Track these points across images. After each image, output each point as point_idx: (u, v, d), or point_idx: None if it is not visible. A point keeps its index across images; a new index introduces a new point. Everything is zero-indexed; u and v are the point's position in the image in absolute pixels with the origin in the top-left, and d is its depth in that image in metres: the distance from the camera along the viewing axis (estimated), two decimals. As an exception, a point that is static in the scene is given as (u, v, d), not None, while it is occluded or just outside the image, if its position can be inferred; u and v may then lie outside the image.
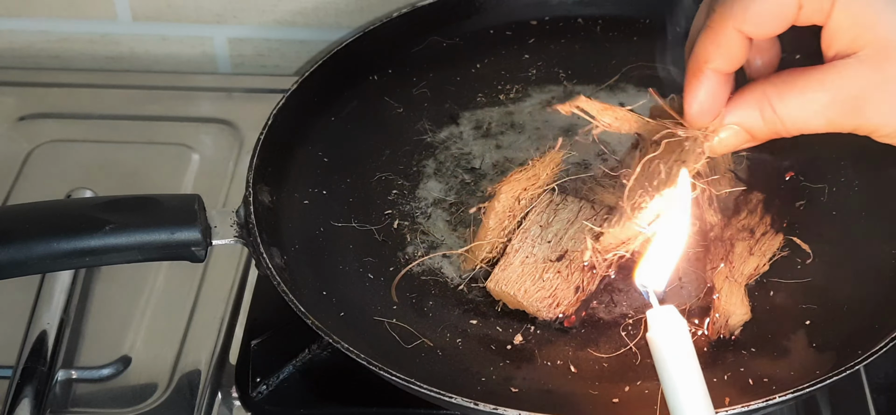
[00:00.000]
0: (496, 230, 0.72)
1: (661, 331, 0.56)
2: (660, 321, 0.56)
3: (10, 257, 0.67)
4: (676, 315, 0.57)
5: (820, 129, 0.60)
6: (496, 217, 0.73)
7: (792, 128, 0.60)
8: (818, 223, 0.75)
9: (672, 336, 0.56)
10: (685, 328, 0.56)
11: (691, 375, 0.56)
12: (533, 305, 0.69)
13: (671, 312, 0.57)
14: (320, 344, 0.75)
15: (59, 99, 0.97)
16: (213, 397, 0.74)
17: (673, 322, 0.56)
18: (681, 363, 0.56)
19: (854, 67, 0.59)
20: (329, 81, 0.84)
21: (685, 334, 0.56)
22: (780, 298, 0.71)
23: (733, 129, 0.62)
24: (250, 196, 0.73)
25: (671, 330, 0.56)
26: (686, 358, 0.56)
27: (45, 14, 0.98)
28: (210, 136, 0.93)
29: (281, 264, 0.71)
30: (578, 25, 0.91)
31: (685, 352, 0.56)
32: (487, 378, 0.67)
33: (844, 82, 0.59)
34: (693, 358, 0.56)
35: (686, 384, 0.56)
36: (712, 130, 0.62)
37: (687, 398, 0.55)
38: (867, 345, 0.65)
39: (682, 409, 0.55)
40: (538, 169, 0.74)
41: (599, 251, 0.67)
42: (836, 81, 0.59)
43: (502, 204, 0.73)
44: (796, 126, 0.60)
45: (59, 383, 0.75)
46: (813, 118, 0.60)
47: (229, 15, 0.97)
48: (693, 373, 0.56)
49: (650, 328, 0.56)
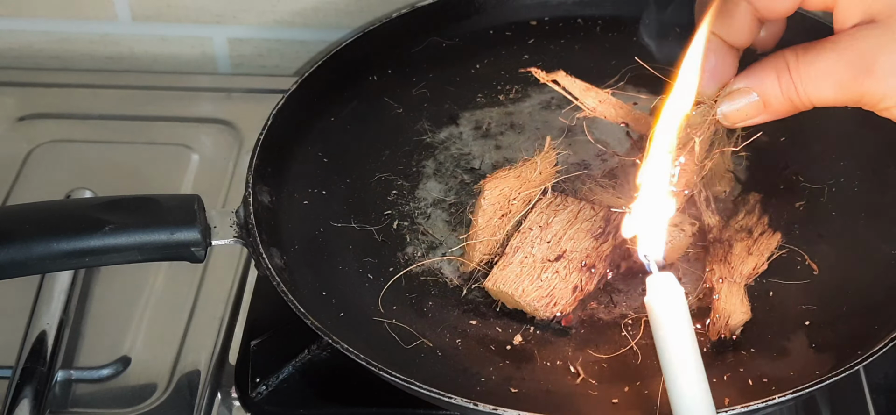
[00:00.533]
0: (487, 228, 0.72)
1: (659, 297, 0.57)
2: (658, 287, 0.57)
3: (10, 258, 0.67)
4: (675, 283, 0.57)
5: (831, 96, 0.60)
6: (484, 215, 0.73)
7: (805, 92, 0.60)
8: (818, 223, 0.75)
9: (669, 303, 0.57)
10: (682, 296, 0.57)
11: (685, 342, 0.57)
12: (530, 305, 0.69)
13: (669, 279, 0.58)
14: (320, 344, 0.75)
15: (59, 99, 0.97)
16: (212, 398, 0.74)
17: (671, 289, 0.57)
18: (676, 330, 0.56)
19: (865, 30, 0.59)
20: (329, 82, 0.84)
21: (682, 302, 0.57)
22: (779, 298, 0.71)
23: (749, 96, 0.62)
24: (250, 196, 0.73)
25: (669, 297, 0.57)
26: (682, 325, 0.57)
27: (45, 14, 0.98)
28: (210, 136, 0.93)
29: (280, 265, 0.71)
30: (578, 25, 0.91)
31: (681, 320, 0.57)
32: (487, 378, 0.67)
33: (856, 42, 0.59)
34: (689, 326, 0.57)
35: (680, 351, 0.56)
36: (725, 95, 0.63)
37: (680, 365, 0.56)
38: (867, 345, 0.65)
39: (675, 375, 0.56)
40: (527, 169, 0.74)
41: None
42: (849, 43, 0.59)
43: (488, 201, 0.73)
44: (810, 91, 0.60)
45: (59, 383, 0.75)
46: (825, 80, 0.60)
47: (229, 15, 0.97)
48: (688, 341, 0.57)
49: (648, 293, 0.57)
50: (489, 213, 0.73)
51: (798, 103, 0.61)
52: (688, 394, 0.57)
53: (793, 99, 0.61)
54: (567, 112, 0.84)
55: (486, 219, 0.73)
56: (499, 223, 0.73)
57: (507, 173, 0.74)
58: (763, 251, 0.72)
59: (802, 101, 0.61)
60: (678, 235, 0.72)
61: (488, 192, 0.73)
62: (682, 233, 0.72)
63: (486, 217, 0.73)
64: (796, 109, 0.62)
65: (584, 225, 0.71)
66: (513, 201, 0.73)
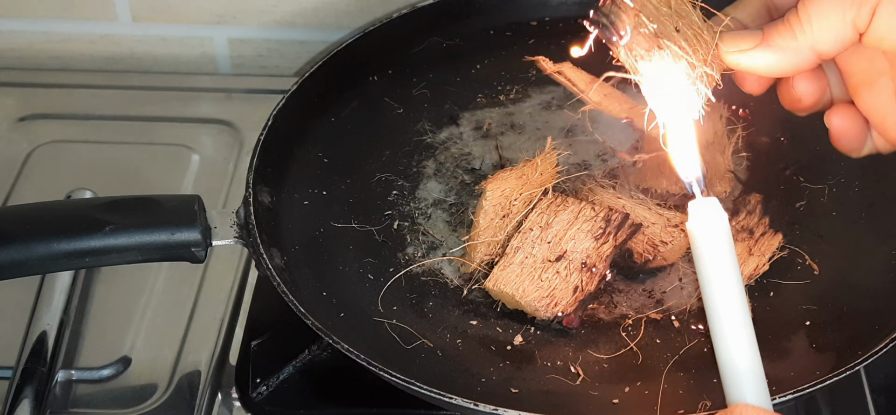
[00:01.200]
0: (489, 229, 0.72)
1: (702, 223, 0.55)
2: (701, 213, 0.55)
3: (10, 258, 0.67)
4: (718, 207, 0.55)
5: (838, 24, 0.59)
6: (486, 216, 0.73)
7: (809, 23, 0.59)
8: (818, 223, 0.75)
9: (712, 230, 0.55)
10: (726, 222, 0.55)
11: (729, 271, 0.55)
12: (530, 305, 0.69)
13: (713, 204, 0.56)
14: (320, 345, 0.75)
15: (59, 99, 0.97)
16: (213, 398, 0.74)
17: (714, 215, 0.55)
18: (719, 258, 0.54)
19: None
20: (329, 82, 0.84)
21: (726, 229, 0.55)
22: (780, 298, 0.71)
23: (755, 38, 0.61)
24: (250, 197, 0.73)
25: (712, 223, 0.55)
26: (725, 254, 0.55)
27: (45, 14, 0.98)
28: (210, 136, 0.93)
29: (281, 265, 0.71)
30: (578, 25, 0.91)
31: (725, 247, 0.55)
32: (487, 379, 0.67)
33: None
34: (733, 254, 0.55)
35: (722, 278, 0.54)
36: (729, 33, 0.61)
37: (722, 294, 0.54)
38: (867, 346, 0.65)
39: (717, 305, 0.54)
40: (528, 169, 0.74)
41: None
42: None
43: (490, 202, 0.73)
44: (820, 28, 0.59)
45: (59, 383, 0.75)
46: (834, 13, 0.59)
47: (229, 15, 0.97)
48: (731, 270, 0.55)
49: (690, 219, 0.55)
50: (491, 214, 0.73)
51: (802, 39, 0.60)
52: (730, 325, 0.55)
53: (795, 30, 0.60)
54: (572, 104, 0.85)
55: (488, 220, 0.73)
56: (500, 224, 0.73)
57: (509, 174, 0.74)
58: (764, 252, 0.72)
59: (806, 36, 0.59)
60: (678, 235, 0.72)
61: (490, 192, 0.73)
62: (682, 233, 0.72)
63: (488, 218, 0.73)
64: (799, 52, 0.60)
65: (584, 225, 0.71)
66: (514, 202, 0.73)
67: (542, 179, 0.74)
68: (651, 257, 0.72)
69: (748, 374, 0.55)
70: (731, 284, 0.55)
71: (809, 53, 0.60)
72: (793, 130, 0.80)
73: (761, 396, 0.55)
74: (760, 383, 0.56)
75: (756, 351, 0.56)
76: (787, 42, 0.60)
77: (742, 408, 0.54)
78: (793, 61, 0.60)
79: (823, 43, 0.59)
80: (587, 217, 0.71)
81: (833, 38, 0.59)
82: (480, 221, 0.73)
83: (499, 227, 0.73)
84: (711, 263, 0.55)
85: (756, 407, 0.55)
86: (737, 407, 0.54)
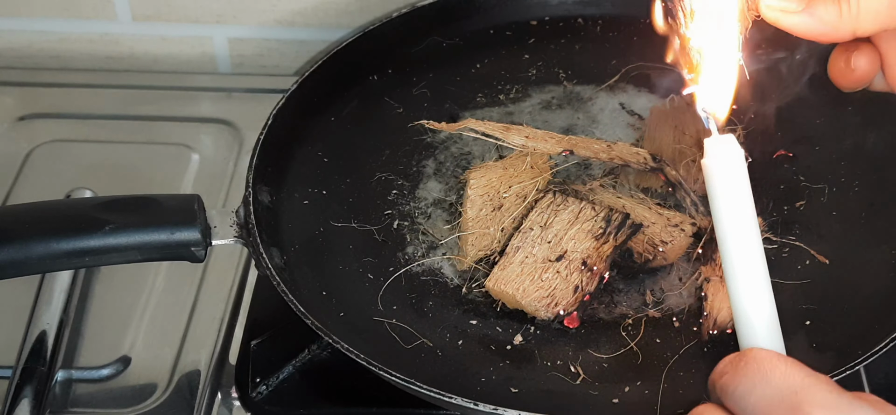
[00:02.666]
0: (478, 220, 0.72)
1: (718, 159, 0.54)
2: (717, 149, 0.54)
3: (9, 257, 0.67)
4: (735, 145, 0.54)
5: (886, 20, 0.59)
6: (473, 206, 0.73)
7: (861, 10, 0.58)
8: (818, 223, 0.75)
9: (728, 168, 0.54)
10: (743, 161, 0.54)
11: (744, 207, 0.54)
12: (531, 305, 0.69)
13: (730, 141, 0.54)
14: (320, 344, 0.75)
15: (59, 99, 0.97)
16: (212, 398, 0.74)
17: (731, 152, 0.54)
18: (734, 194, 0.53)
19: None
20: (329, 81, 0.84)
21: (742, 165, 0.54)
22: (780, 298, 0.70)
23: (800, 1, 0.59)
24: (250, 196, 0.73)
25: (728, 159, 0.54)
26: (741, 192, 0.54)
27: (44, 14, 0.98)
28: (210, 136, 0.93)
29: (281, 264, 0.71)
30: (578, 25, 0.91)
31: (741, 186, 0.54)
32: (487, 378, 0.67)
33: None
34: (748, 190, 0.54)
35: (737, 216, 0.53)
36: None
37: (737, 234, 0.53)
38: (867, 345, 0.65)
39: (730, 242, 0.53)
40: (516, 161, 0.74)
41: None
42: None
43: (476, 191, 0.73)
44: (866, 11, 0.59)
45: (59, 383, 0.75)
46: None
47: (229, 15, 0.97)
48: (746, 205, 0.54)
49: (706, 155, 0.54)
50: (478, 204, 0.73)
51: (846, 19, 0.59)
52: (744, 266, 0.55)
53: (842, 7, 0.58)
54: (572, 104, 0.85)
55: (476, 210, 0.73)
56: (492, 216, 0.73)
57: (494, 164, 0.74)
58: None
59: (850, 17, 0.59)
60: (678, 235, 0.72)
61: (474, 181, 0.73)
62: (682, 233, 0.72)
63: (476, 208, 0.73)
64: (838, 30, 0.59)
65: (584, 225, 0.71)
66: (504, 195, 0.73)
67: (532, 172, 0.74)
68: (651, 257, 0.72)
69: (762, 318, 0.55)
70: (747, 222, 0.54)
71: (848, 33, 0.59)
72: (793, 131, 0.80)
73: (775, 340, 0.55)
74: (774, 327, 0.55)
75: (771, 295, 0.55)
76: (829, 15, 0.59)
77: (756, 351, 0.53)
78: (830, 35, 0.60)
79: (865, 27, 0.59)
80: (587, 217, 0.71)
81: (876, 24, 0.59)
82: (468, 211, 0.73)
83: (491, 218, 0.73)
84: (727, 201, 0.54)
85: (769, 351, 0.54)
86: (750, 351, 0.54)
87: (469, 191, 0.73)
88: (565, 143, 0.74)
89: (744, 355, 0.53)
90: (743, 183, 0.54)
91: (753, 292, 0.55)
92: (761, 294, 0.55)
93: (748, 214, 0.54)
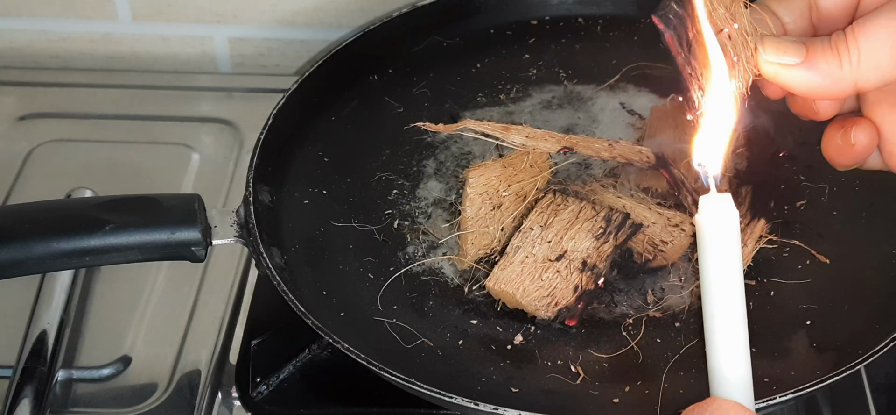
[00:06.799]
0: (478, 219, 0.72)
1: (711, 217, 0.53)
2: (711, 207, 0.53)
3: (9, 257, 0.67)
4: (730, 204, 0.54)
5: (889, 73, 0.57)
6: (472, 205, 0.73)
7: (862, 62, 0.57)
8: (818, 223, 0.75)
9: (721, 227, 0.53)
10: (737, 222, 0.53)
11: (731, 267, 0.53)
12: (531, 304, 0.69)
13: (725, 200, 0.54)
14: (320, 344, 0.75)
15: (59, 99, 0.97)
16: (213, 397, 0.74)
17: (725, 211, 0.53)
18: (723, 254, 0.53)
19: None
20: (329, 81, 0.84)
21: (736, 227, 0.53)
22: (780, 298, 0.71)
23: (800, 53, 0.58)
24: (250, 196, 0.73)
25: (721, 219, 0.53)
26: (730, 250, 0.53)
27: (45, 14, 0.98)
28: (210, 136, 0.93)
29: (281, 264, 0.71)
30: (578, 25, 0.91)
31: (731, 244, 0.53)
32: (488, 378, 0.67)
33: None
34: (738, 252, 0.53)
35: (724, 276, 0.53)
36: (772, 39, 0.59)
37: (722, 290, 0.53)
38: (868, 345, 0.65)
39: (714, 300, 0.53)
40: (516, 160, 0.74)
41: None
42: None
43: (474, 190, 0.73)
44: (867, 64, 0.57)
45: (59, 383, 0.75)
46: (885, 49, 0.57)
47: (229, 15, 0.97)
48: (734, 266, 0.53)
49: (700, 212, 0.53)
50: (477, 202, 0.73)
51: (846, 71, 0.57)
52: (724, 326, 0.54)
53: (842, 58, 0.57)
54: (572, 104, 0.85)
55: (475, 208, 0.73)
56: (491, 215, 0.73)
57: (493, 163, 0.74)
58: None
59: (852, 68, 0.57)
60: (678, 235, 0.72)
61: (473, 179, 0.73)
62: (682, 233, 0.72)
63: (475, 207, 0.73)
64: (839, 82, 0.57)
65: (584, 225, 0.71)
66: (504, 194, 0.73)
67: (532, 171, 0.74)
68: (651, 257, 0.72)
69: (736, 375, 0.55)
70: (733, 282, 0.54)
71: (849, 86, 0.57)
72: (793, 131, 0.80)
73: (746, 396, 0.55)
74: (746, 386, 0.55)
75: (747, 355, 0.55)
76: (831, 68, 0.57)
77: (721, 401, 0.53)
78: (831, 89, 0.57)
79: (868, 80, 0.57)
80: (588, 217, 0.71)
81: (879, 78, 0.57)
82: (467, 209, 0.73)
83: (490, 217, 0.73)
84: (716, 260, 0.54)
85: (735, 403, 0.53)
86: (714, 400, 0.53)
87: (468, 189, 0.73)
88: (566, 141, 0.74)
89: (709, 404, 0.53)
90: (734, 243, 0.54)
91: (731, 351, 0.54)
92: (739, 354, 0.55)
93: (735, 274, 0.54)
